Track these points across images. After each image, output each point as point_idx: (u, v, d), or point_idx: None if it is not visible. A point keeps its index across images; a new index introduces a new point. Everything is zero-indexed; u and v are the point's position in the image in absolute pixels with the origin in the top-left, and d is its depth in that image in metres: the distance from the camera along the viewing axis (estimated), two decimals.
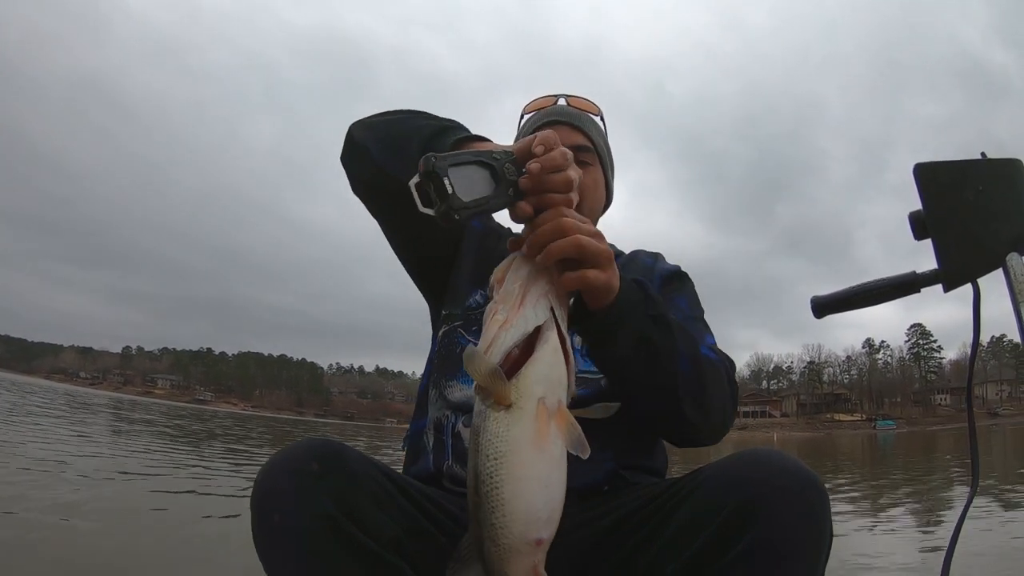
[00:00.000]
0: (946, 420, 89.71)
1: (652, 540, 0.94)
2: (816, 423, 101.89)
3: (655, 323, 1.02)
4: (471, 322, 1.30)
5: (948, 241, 1.00)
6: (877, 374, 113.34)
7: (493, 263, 0.93)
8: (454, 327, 1.32)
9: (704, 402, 1.07)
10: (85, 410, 22.76)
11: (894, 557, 4.82)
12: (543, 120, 1.41)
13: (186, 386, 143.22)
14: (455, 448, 1.20)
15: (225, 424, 29.50)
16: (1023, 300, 0.93)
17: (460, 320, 1.32)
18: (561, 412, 0.80)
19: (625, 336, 1.00)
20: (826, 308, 1.18)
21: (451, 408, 1.24)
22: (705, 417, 1.08)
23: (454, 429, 1.22)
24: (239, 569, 3.36)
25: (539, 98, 1.48)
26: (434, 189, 0.79)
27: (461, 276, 1.36)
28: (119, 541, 4.15)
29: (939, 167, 1.02)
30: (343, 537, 0.85)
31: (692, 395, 1.05)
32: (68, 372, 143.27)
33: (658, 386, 1.04)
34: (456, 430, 1.21)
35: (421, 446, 1.28)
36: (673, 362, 1.03)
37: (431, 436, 1.26)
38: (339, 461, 0.89)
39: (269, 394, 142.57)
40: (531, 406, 0.78)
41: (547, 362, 0.81)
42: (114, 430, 15.91)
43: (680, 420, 1.06)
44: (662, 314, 1.04)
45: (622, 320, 0.99)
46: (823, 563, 0.84)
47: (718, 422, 1.11)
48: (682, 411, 1.05)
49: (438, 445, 1.23)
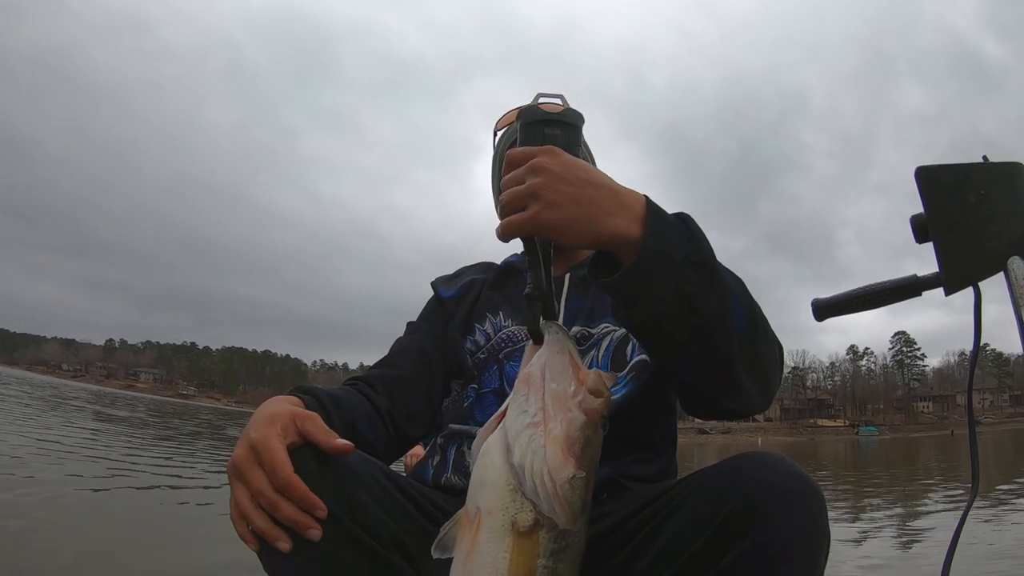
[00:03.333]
0: (928, 427, 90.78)
1: (648, 545, 0.92)
2: (799, 428, 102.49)
3: (698, 271, 0.86)
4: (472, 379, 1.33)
5: (950, 244, 0.99)
6: (860, 380, 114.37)
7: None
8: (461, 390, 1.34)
9: (760, 363, 0.96)
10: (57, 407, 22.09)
11: (884, 559, 4.85)
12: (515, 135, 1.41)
13: (169, 380, 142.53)
14: (455, 462, 1.23)
15: (208, 419, 29.25)
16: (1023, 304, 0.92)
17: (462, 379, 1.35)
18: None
19: (660, 291, 0.84)
20: (827, 311, 1.18)
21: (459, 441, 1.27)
22: (761, 382, 0.97)
23: (458, 448, 1.25)
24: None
25: (509, 111, 1.47)
26: None
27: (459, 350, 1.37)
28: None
29: (941, 170, 1.01)
30: (345, 536, 0.84)
31: (749, 356, 0.93)
32: (50, 364, 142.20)
33: (701, 350, 0.90)
34: (460, 449, 1.24)
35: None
36: (725, 318, 0.89)
37: (435, 450, 1.29)
38: (340, 459, 0.88)
39: (252, 390, 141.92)
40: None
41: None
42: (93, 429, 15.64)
43: (733, 389, 0.94)
44: (707, 260, 0.87)
45: (652, 273, 0.84)
46: (821, 567, 0.83)
47: (775, 385, 1.00)
48: (737, 377, 0.93)
49: (440, 460, 1.26)
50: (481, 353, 1.33)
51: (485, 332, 1.35)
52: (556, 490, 0.77)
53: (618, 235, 0.84)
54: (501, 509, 0.78)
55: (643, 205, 0.86)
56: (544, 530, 0.78)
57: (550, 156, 0.85)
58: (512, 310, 1.36)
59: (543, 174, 0.84)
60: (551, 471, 0.77)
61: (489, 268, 1.50)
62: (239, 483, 0.84)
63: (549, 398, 0.81)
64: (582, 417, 0.80)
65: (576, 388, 0.82)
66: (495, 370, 1.31)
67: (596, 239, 0.84)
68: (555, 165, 0.85)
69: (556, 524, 0.78)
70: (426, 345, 1.36)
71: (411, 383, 1.30)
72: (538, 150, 0.86)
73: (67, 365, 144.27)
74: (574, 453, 0.79)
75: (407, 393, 1.28)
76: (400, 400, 1.25)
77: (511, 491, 0.78)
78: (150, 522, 4.84)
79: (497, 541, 0.77)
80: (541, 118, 0.94)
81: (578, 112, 0.97)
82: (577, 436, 0.80)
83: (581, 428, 0.80)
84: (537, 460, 0.78)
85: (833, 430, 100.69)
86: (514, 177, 0.86)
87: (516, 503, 0.78)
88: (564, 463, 0.78)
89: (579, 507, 0.79)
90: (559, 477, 0.77)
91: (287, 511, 0.81)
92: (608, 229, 0.84)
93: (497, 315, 1.36)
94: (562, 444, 0.79)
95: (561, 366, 0.84)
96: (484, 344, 1.34)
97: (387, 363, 1.33)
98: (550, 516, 0.77)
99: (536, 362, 0.85)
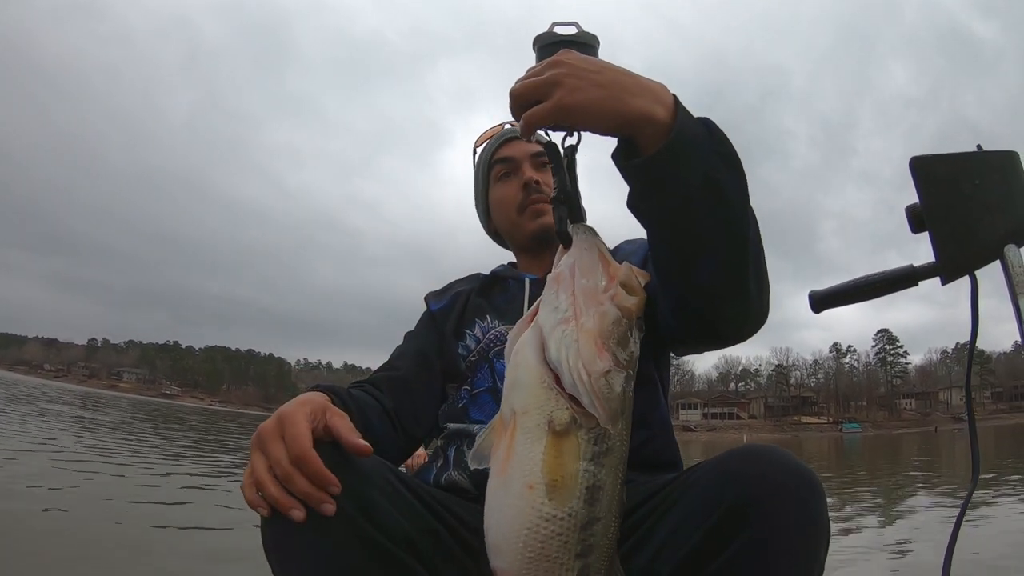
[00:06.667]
0: (911, 424, 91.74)
1: (649, 540, 0.92)
2: (783, 425, 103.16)
3: (725, 162, 0.87)
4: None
5: (945, 234, 1.00)
6: (844, 378, 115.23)
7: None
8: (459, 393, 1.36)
9: (764, 269, 0.95)
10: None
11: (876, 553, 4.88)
12: (496, 144, 1.47)
13: (152, 380, 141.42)
14: (456, 460, 1.24)
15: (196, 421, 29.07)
16: (1021, 291, 0.93)
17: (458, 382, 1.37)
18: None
19: (688, 175, 0.85)
20: (824, 302, 1.18)
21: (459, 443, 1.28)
22: (762, 294, 0.96)
23: (457, 448, 1.26)
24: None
25: (488, 129, 1.52)
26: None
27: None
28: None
29: (936, 160, 1.02)
30: (358, 535, 0.84)
31: (758, 258, 0.93)
32: (32, 364, 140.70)
33: (724, 245, 0.90)
34: (460, 448, 1.25)
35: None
36: (746, 212, 0.89)
37: (437, 454, 1.30)
38: (350, 459, 0.87)
39: (236, 389, 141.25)
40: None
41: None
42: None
43: (743, 294, 0.94)
44: (731, 151, 0.88)
45: (682, 155, 0.84)
46: (821, 559, 0.82)
47: (767, 302, 0.99)
48: (747, 281, 0.93)
49: (442, 462, 1.27)
50: (472, 356, 1.36)
51: (475, 336, 1.38)
52: (592, 384, 0.75)
53: (644, 115, 0.84)
54: (537, 408, 0.76)
55: (667, 91, 0.87)
56: (583, 430, 0.75)
57: (567, 53, 0.86)
58: (499, 314, 1.39)
59: (563, 66, 0.84)
60: (585, 364, 0.75)
61: (477, 279, 1.52)
62: (259, 452, 0.84)
63: (580, 293, 0.80)
64: (615, 310, 0.79)
65: (607, 283, 0.81)
66: (486, 369, 1.33)
67: (622, 120, 0.84)
68: (574, 58, 0.85)
69: (596, 422, 0.75)
70: (424, 349, 1.41)
71: (413, 384, 1.33)
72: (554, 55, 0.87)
73: (49, 365, 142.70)
74: (608, 347, 0.77)
75: (410, 393, 1.31)
76: (404, 400, 1.29)
77: (546, 389, 0.76)
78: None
79: (534, 442, 0.75)
80: (556, 40, 0.93)
81: (593, 34, 0.95)
82: (611, 330, 0.78)
83: (614, 322, 0.78)
84: (571, 354, 0.76)
85: (817, 427, 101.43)
86: (532, 72, 0.87)
87: (552, 401, 0.76)
88: (599, 356, 0.76)
89: (617, 405, 0.77)
90: (594, 370, 0.75)
91: (301, 484, 0.80)
92: (634, 108, 0.84)
93: (485, 319, 1.39)
94: (595, 337, 0.77)
95: (591, 262, 0.83)
96: (475, 347, 1.36)
97: (389, 367, 1.37)
98: (591, 412, 0.75)
99: (566, 261, 0.84)
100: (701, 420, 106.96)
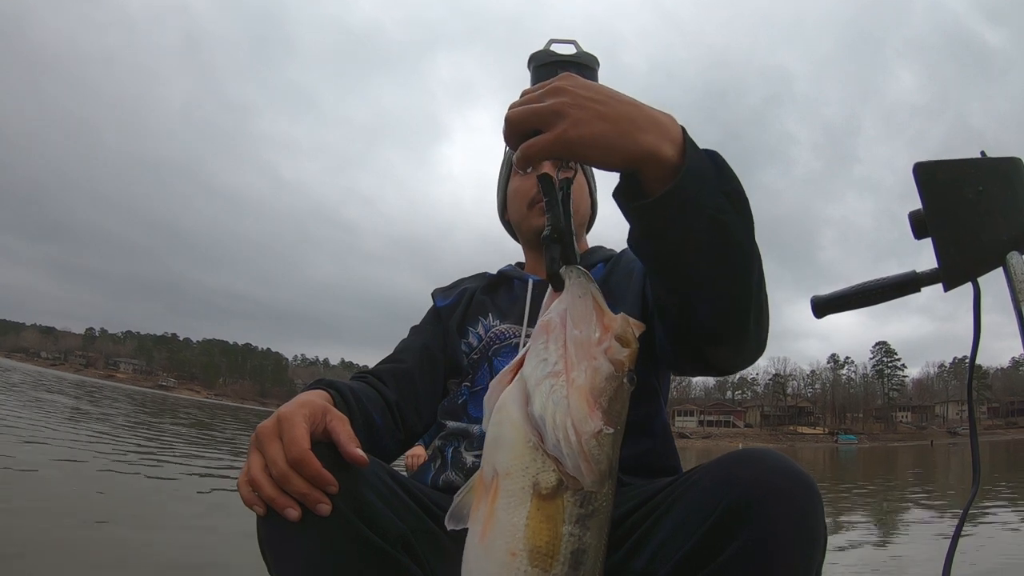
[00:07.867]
0: (906, 437, 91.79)
1: (645, 543, 0.91)
2: (779, 435, 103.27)
3: (731, 201, 0.82)
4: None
5: (948, 240, 0.99)
6: (840, 389, 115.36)
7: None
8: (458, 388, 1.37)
9: (765, 307, 0.92)
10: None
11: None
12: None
13: (149, 371, 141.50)
14: (454, 460, 1.25)
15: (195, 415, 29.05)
16: (1023, 299, 0.92)
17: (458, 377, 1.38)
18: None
19: (695, 217, 0.80)
20: (826, 308, 1.17)
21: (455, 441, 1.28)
22: (763, 329, 0.93)
23: (455, 449, 1.26)
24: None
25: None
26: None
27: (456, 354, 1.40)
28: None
29: (939, 166, 1.01)
30: (353, 535, 0.83)
31: (759, 300, 0.89)
32: (29, 352, 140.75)
33: (726, 287, 0.86)
34: (458, 449, 1.26)
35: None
36: (751, 253, 0.86)
37: (435, 454, 1.31)
38: (345, 458, 0.86)
39: (233, 383, 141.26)
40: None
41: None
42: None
43: (742, 333, 0.91)
44: (738, 189, 0.84)
45: (689, 198, 0.79)
46: (818, 564, 0.81)
47: (765, 338, 0.95)
48: (747, 320, 0.89)
49: (440, 463, 1.28)
50: (474, 354, 1.37)
51: (477, 334, 1.39)
52: (581, 445, 0.70)
53: (652, 153, 0.78)
54: (521, 469, 0.70)
55: (675, 124, 0.81)
56: (569, 492, 0.70)
57: (569, 79, 0.80)
58: (501, 313, 1.40)
59: (565, 93, 0.78)
60: (575, 424, 0.70)
61: (483, 277, 1.54)
62: (256, 452, 0.83)
63: (571, 345, 0.74)
64: (608, 366, 0.73)
65: (601, 335, 0.75)
66: (486, 368, 1.34)
67: (628, 157, 0.79)
68: (576, 85, 0.79)
69: (581, 485, 0.70)
70: (429, 342, 1.42)
71: (417, 376, 1.34)
72: (553, 78, 0.81)
73: (46, 353, 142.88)
74: (600, 405, 0.72)
75: (413, 387, 1.32)
76: (408, 392, 1.30)
77: (531, 448, 0.71)
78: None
79: (518, 506, 0.70)
80: (554, 59, 0.89)
81: (592, 55, 0.90)
82: (603, 387, 0.73)
83: (608, 378, 0.73)
84: (560, 412, 0.70)
85: (812, 437, 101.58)
86: (531, 98, 0.81)
87: (537, 462, 0.70)
88: (590, 415, 0.71)
89: (606, 466, 0.72)
90: (584, 431, 0.70)
91: (297, 484, 0.80)
92: (642, 146, 0.78)
93: (487, 317, 1.41)
94: (587, 395, 0.72)
95: (584, 310, 0.77)
96: (477, 345, 1.38)
97: (394, 359, 1.38)
98: (575, 475, 0.70)
99: (556, 308, 0.78)
100: (697, 427, 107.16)
